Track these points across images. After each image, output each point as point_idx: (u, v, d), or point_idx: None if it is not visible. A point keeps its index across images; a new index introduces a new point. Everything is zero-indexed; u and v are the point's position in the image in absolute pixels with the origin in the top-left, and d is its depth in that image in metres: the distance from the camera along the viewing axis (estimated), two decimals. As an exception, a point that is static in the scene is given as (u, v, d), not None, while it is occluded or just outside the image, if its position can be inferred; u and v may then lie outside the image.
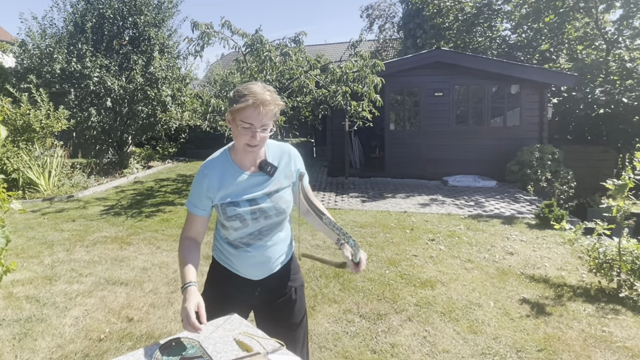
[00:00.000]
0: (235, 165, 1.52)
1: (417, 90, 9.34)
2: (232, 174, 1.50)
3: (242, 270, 1.59)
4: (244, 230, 1.52)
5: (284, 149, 1.60)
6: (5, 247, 2.37)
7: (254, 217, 1.50)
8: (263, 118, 1.39)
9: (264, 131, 1.42)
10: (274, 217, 1.53)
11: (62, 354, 2.65)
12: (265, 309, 1.66)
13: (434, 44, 13.64)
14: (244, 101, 1.37)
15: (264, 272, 1.60)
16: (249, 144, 1.42)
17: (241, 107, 1.38)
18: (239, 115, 1.40)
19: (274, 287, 1.64)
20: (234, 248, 1.57)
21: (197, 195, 1.51)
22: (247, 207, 1.49)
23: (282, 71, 7.30)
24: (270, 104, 1.39)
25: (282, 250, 1.64)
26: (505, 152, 8.50)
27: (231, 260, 1.59)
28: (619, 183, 3.49)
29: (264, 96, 1.37)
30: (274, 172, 1.53)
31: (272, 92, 1.42)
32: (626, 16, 10.11)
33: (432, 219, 5.82)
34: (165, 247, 4.71)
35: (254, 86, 1.41)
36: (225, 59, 19.85)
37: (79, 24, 9.66)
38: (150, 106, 10.11)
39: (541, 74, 8.69)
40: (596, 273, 3.58)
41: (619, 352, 2.66)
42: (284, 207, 1.54)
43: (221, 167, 1.51)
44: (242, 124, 1.39)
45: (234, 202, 1.48)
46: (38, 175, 7.61)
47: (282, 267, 1.64)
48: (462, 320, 3.05)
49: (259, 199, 1.50)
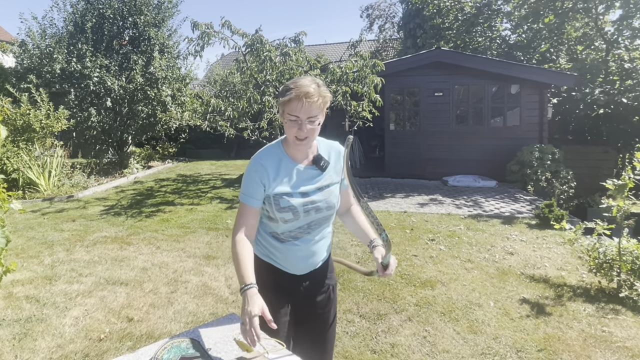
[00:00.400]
0: (288, 157, 1.52)
1: (417, 90, 9.34)
2: (286, 166, 1.51)
3: (287, 265, 1.58)
4: (294, 223, 1.51)
5: (332, 145, 1.63)
6: (5, 247, 2.37)
7: (306, 210, 1.50)
8: (308, 110, 1.40)
9: (311, 123, 1.43)
10: (324, 211, 1.54)
11: (62, 354, 2.65)
12: (305, 305, 1.65)
13: (434, 44, 13.63)
14: (288, 94, 1.40)
15: (308, 266, 1.60)
16: (297, 136, 1.43)
17: (286, 100, 1.41)
18: (286, 108, 1.42)
19: (315, 283, 1.65)
20: (280, 242, 1.56)
21: (252, 185, 1.49)
22: (300, 199, 1.49)
23: (282, 71, 7.30)
24: (314, 95, 1.39)
25: (325, 246, 1.65)
26: (505, 152, 8.50)
27: (275, 255, 1.58)
28: (619, 183, 3.49)
29: (308, 89, 1.39)
30: (326, 166, 1.55)
31: (319, 85, 1.43)
32: (626, 16, 10.10)
33: (432, 219, 5.82)
34: (165, 247, 4.71)
35: (302, 79, 1.43)
36: (225, 59, 19.84)
37: (79, 24, 9.67)
38: (150, 106, 10.12)
39: (541, 74, 8.69)
40: (596, 273, 3.58)
41: (619, 352, 2.66)
42: (334, 201, 1.56)
43: (276, 158, 1.51)
44: (289, 116, 1.42)
45: (288, 193, 1.48)
46: (38, 175, 7.61)
47: (323, 263, 1.65)
48: (462, 320, 3.05)
49: (311, 192, 1.51)
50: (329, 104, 1.49)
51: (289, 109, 1.42)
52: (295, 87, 1.40)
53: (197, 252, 4.54)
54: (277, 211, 1.48)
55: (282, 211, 1.48)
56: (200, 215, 6.11)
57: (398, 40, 20.23)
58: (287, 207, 1.48)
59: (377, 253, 1.55)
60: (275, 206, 1.48)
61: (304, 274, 1.61)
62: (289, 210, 1.48)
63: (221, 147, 14.07)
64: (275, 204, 1.48)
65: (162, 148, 13.09)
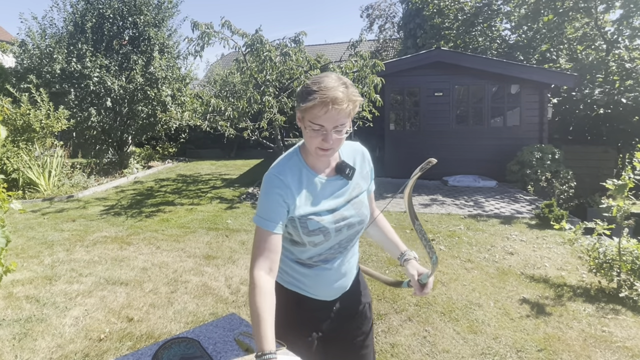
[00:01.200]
0: (309, 168, 1.29)
1: (417, 90, 9.34)
2: (309, 179, 1.28)
3: (317, 292, 1.36)
4: (324, 245, 1.30)
5: (355, 147, 1.42)
6: (5, 247, 2.37)
7: (338, 229, 1.29)
8: (335, 119, 1.17)
9: (338, 133, 1.19)
10: (356, 226, 1.34)
11: (62, 354, 2.65)
12: (337, 332, 1.44)
13: (434, 44, 13.64)
14: (311, 100, 1.15)
15: (340, 290, 1.40)
16: (321, 147, 1.21)
17: (308, 107, 1.17)
18: (307, 115, 1.19)
19: (347, 305, 1.44)
20: (308, 268, 1.34)
21: (273, 206, 1.22)
22: (329, 216, 1.28)
23: (282, 71, 7.30)
24: (344, 101, 1.15)
25: (356, 263, 1.46)
26: (505, 152, 8.50)
27: (303, 282, 1.36)
28: (619, 183, 3.49)
29: (336, 93, 1.14)
30: (352, 174, 1.33)
31: (348, 86, 1.18)
32: (626, 16, 10.10)
33: (432, 218, 5.82)
34: (165, 247, 4.71)
35: (326, 79, 1.18)
36: (225, 59, 19.85)
37: (79, 24, 9.67)
38: (150, 106, 10.12)
39: (541, 74, 8.69)
40: (596, 273, 3.58)
41: (619, 352, 2.66)
42: (366, 213, 1.36)
43: (297, 172, 1.28)
44: (311, 125, 1.18)
45: (316, 212, 1.26)
46: (38, 175, 7.61)
47: (354, 282, 1.46)
48: (462, 320, 3.05)
49: (340, 207, 1.30)
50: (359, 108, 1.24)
51: (310, 116, 1.18)
52: (319, 89, 1.15)
53: (197, 252, 4.54)
54: (306, 235, 1.26)
55: (311, 234, 1.26)
56: (200, 215, 6.11)
57: (398, 40, 20.23)
58: (317, 230, 1.26)
59: (411, 269, 1.37)
60: (302, 230, 1.26)
61: (336, 298, 1.41)
62: (319, 232, 1.26)
63: (221, 147, 14.07)
64: (303, 227, 1.26)
65: (162, 148, 13.09)
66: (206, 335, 1.37)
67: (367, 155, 1.44)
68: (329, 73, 1.23)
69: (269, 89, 7.31)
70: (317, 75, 1.23)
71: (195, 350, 1.27)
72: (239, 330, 1.39)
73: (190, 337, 1.34)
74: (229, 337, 1.37)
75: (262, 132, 7.62)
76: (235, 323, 1.46)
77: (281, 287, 1.39)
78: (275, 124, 7.54)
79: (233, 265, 4.17)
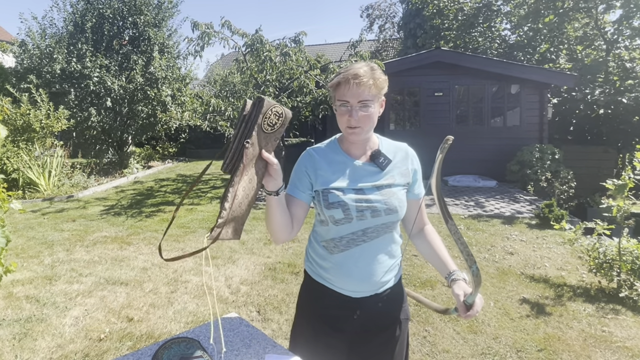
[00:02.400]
0: (343, 152, 1.37)
1: (417, 90, 9.34)
2: (340, 160, 1.35)
3: (339, 283, 1.36)
4: (345, 226, 1.31)
5: (400, 146, 1.43)
6: (5, 247, 2.37)
7: (359, 209, 1.29)
8: (358, 93, 1.24)
9: (363, 109, 1.25)
10: (382, 215, 1.31)
11: (62, 354, 2.65)
12: (361, 342, 1.38)
13: (433, 44, 13.65)
14: (337, 78, 1.28)
15: (365, 287, 1.36)
16: (349, 125, 1.27)
17: (334, 84, 1.29)
18: (336, 94, 1.29)
19: (376, 313, 1.38)
20: (331, 253, 1.36)
21: (298, 174, 1.36)
22: (352, 195, 1.30)
23: (282, 71, 7.30)
24: (364, 76, 1.23)
25: (389, 266, 1.38)
26: (505, 152, 8.50)
27: (327, 271, 1.37)
28: (619, 183, 3.49)
29: (358, 70, 1.24)
30: (387, 164, 1.35)
31: (374, 69, 1.27)
32: (626, 16, 10.10)
33: (432, 218, 5.80)
34: (165, 247, 4.71)
35: (355, 65, 1.29)
36: (225, 59, 19.86)
37: (79, 24, 9.68)
38: (150, 106, 10.12)
39: (541, 74, 8.69)
40: (596, 273, 3.58)
41: (619, 352, 2.66)
42: (395, 204, 1.32)
43: (329, 152, 1.38)
44: (339, 102, 1.28)
45: (339, 187, 1.31)
46: (38, 175, 7.61)
47: (388, 290, 1.40)
48: (462, 320, 3.05)
49: (367, 190, 1.32)
50: (386, 89, 1.32)
51: (338, 94, 1.28)
52: (344, 70, 1.27)
53: (197, 252, 4.53)
54: (326, 208, 1.30)
55: (330, 207, 1.29)
56: (200, 215, 6.11)
57: (398, 40, 20.24)
58: (336, 203, 1.29)
59: (457, 289, 1.27)
60: (324, 202, 1.31)
61: (362, 297, 1.36)
62: (338, 206, 1.29)
63: (221, 147, 14.07)
64: (324, 200, 1.31)
65: (162, 148, 13.10)
66: (206, 335, 1.37)
67: (411, 155, 1.43)
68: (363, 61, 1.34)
69: (269, 89, 7.32)
70: None
71: (195, 350, 1.27)
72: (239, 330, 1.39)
73: (190, 337, 1.34)
74: (229, 337, 1.37)
75: (262, 132, 7.60)
76: (235, 323, 1.46)
77: (309, 277, 1.44)
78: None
79: (233, 265, 4.17)
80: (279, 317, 3.12)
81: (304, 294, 1.48)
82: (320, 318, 1.38)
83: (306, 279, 1.47)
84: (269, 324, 3.01)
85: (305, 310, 1.45)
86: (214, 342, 1.31)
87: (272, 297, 3.43)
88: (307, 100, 7.74)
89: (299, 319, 1.46)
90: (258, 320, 3.09)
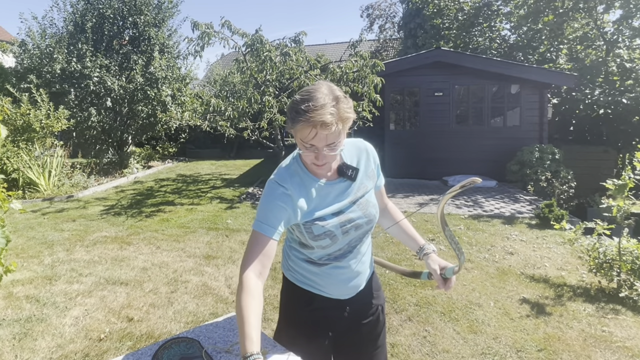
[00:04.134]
0: (309, 174, 1.27)
1: (417, 90, 9.35)
2: (311, 185, 1.26)
3: (330, 290, 1.35)
4: (332, 247, 1.29)
5: (359, 145, 1.38)
6: (5, 247, 2.37)
7: (345, 231, 1.28)
8: (325, 139, 1.14)
9: (331, 150, 1.17)
10: (364, 226, 1.32)
11: (62, 354, 2.65)
12: (350, 333, 1.43)
13: (433, 43, 13.64)
14: (298, 121, 1.12)
15: (353, 289, 1.38)
16: (316, 163, 1.20)
17: (297, 129, 1.14)
18: (297, 134, 1.17)
19: (361, 306, 1.43)
20: (319, 267, 1.33)
21: (272, 211, 1.20)
22: (334, 219, 1.26)
23: (282, 71, 7.30)
24: (332, 124, 1.11)
25: (369, 262, 1.44)
26: (505, 152, 8.51)
27: (314, 281, 1.35)
28: (619, 183, 3.49)
29: (324, 116, 1.09)
30: (356, 175, 1.30)
31: (339, 101, 1.14)
32: (626, 16, 10.11)
33: (432, 218, 5.82)
34: (165, 247, 4.71)
35: (316, 95, 1.12)
36: (225, 59, 19.85)
37: (79, 24, 9.67)
38: (150, 106, 10.12)
39: (541, 74, 8.70)
40: (596, 273, 3.58)
41: (619, 352, 2.66)
42: (373, 212, 1.34)
43: (297, 179, 1.26)
44: (303, 143, 1.17)
45: (320, 217, 1.25)
46: (38, 175, 7.61)
47: (368, 282, 1.44)
48: (462, 320, 3.05)
49: (345, 209, 1.28)
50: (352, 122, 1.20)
51: (301, 136, 1.16)
52: (307, 110, 1.10)
53: (197, 252, 4.54)
54: (312, 240, 1.26)
55: (317, 239, 1.25)
56: (200, 215, 6.11)
57: (398, 40, 20.24)
58: (322, 234, 1.25)
59: (432, 263, 1.36)
60: (308, 235, 1.26)
61: (349, 297, 1.39)
62: (325, 236, 1.25)
63: (221, 147, 14.08)
64: (309, 233, 1.25)
65: (162, 148, 13.10)
66: (206, 335, 1.37)
67: (371, 152, 1.40)
68: (320, 85, 1.17)
69: (269, 89, 7.32)
70: (308, 88, 1.17)
71: (195, 350, 1.27)
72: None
73: (190, 337, 1.34)
74: (229, 337, 1.37)
75: (262, 132, 7.63)
76: (235, 323, 1.46)
77: (294, 285, 1.39)
78: (275, 124, 7.54)
79: (233, 265, 4.17)
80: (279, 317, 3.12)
81: (289, 301, 1.42)
82: (311, 322, 1.37)
83: (288, 286, 1.41)
84: (269, 324, 3.01)
85: (293, 316, 1.41)
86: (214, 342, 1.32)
87: (272, 297, 3.43)
88: (307, 100, 7.72)
89: (285, 325, 1.42)
90: (258, 320, 3.09)
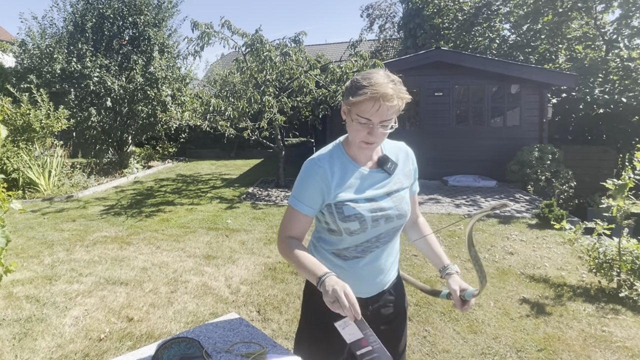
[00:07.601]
0: (350, 159, 1.33)
1: (417, 90, 9.34)
2: (349, 169, 1.31)
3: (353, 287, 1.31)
4: (360, 235, 1.31)
5: (400, 146, 1.44)
6: (5, 247, 2.37)
7: (375, 219, 1.30)
8: (383, 114, 1.20)
9: (384, 127, 1.22)
10: (395, 220, 1.34)
11: (62, 354, 2.65)
12: None
13: (433, 43, 13.64)
14: (362, 94, 1.18)
15: (376, 287, 1.41)
16: (366, 141, 1.24)
17: (358, 101, 1.20)
18: (355, 109, 1.22)
19: (384, 306, 1.44)
20: (344, 260, 1.36)
21: (310, 189, 1.28)
22: (367, 204, 1.29)
23: (282, 71, 7.30)
24: (394, 98, 1.18)
25: (395, 263, 1.46)
26: (505, 152, 8.50)
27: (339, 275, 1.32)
28: (619, 183, 3.49)
29: (386, 89, 1.17)
30: (394, 169, 1.35)
31: (396, 83, 1.21)
32: (625, 16, 10.11)
33: (432, 218, 5.82)
34: (165, 247, 4.71)
35: (376, 76, 1.21)
36: (225, 58, 19.85)
37: (79, 23, 9.68)
38: (150, 106, 10.12)
39: (541, 74, 8.70)
40: (596, 273, 3.58)
41: (619, 352, 2.66)
42: (405, 208, 1.36)
43: (337, 161, 1.32)
44: (359, 118, 1.22)
45: (353, 199, 1.29)
46: (38, 175, 7.61)
47: (392, 284, 1.46)
48: (462, 320, 3.05)
49: (379, 198, 1.32)
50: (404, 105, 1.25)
51: (359, 110, 1.21)
52: (369, 85, 1.18)
53: (197, 252, 4.54)
54: (341, 221, 1.29)
55: (347, 220, 1.28)
56: (200, 215, 6.11)
57: (398, 40, 20.24)
58: (352, 216, 1.28)
59: (453, 283, 1.39)
60: (338, 215, 1.29)
61: (372, 296, 1.41)
62: (355, 218, 1.28)
63: (221, 147, 14.08)
64: (339, 213, 1.29)
65: (162, 148, 13.10)
66: (206, 335, 1.37)
67: (411, 155, 1.45)
68: (378, 70, 1.25)
69: (269, 88, 7.32)
70: (365, 71, 1.26)
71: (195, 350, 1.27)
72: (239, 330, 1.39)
73: (190, 337, 1.34)
74: (229, 337, 1.37)
75: (262, 132, 7.63)
76: (235, 323, 1.46)
77: None
78: (275, 124, 7.54)
79: (233, 265, 4.17)
80: (279, 317, 3.12)
81: (312, 296, 1.42)
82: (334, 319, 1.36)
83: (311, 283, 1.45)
84: (269, 323, 3.01)
85: (316, 312, 1.39)
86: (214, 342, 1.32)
87: (272, 297, 3.43)
88: (307, 100, 7.74)
89: (308, 324, 1.44)
90: (258, 320, 3.09)
